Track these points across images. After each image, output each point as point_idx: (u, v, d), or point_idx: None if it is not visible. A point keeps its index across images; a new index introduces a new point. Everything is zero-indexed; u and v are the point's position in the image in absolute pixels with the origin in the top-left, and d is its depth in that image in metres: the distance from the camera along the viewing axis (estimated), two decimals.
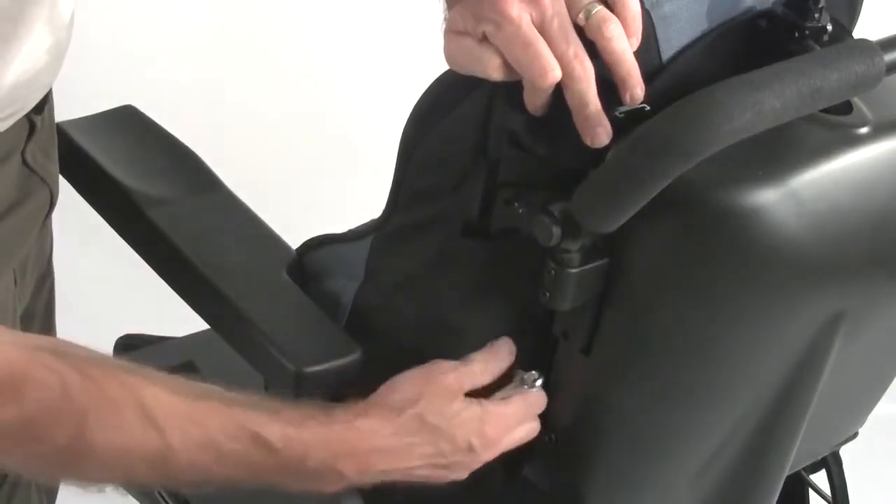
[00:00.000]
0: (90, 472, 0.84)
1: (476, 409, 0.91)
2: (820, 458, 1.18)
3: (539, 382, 0.92)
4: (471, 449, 0.91)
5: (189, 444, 0.83)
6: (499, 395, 0.92)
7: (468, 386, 0.91)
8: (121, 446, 0.81)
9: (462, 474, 0.93)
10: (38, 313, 1.13)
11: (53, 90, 1.07)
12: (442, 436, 0.90)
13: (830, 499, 1.21)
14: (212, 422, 0.85)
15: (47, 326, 1.17)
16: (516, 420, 0.92)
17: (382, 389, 0.92)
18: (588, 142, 0.78)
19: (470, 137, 0.84)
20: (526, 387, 0.92)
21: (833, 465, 1.20)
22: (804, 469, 1.18)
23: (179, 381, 0.86)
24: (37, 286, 1.13)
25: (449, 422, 0.90)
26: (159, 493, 1.23)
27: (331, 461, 0.88)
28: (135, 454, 0.82)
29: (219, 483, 0.88)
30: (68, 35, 1.01)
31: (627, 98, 0.79)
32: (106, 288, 1.73)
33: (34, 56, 0.94)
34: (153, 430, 0.82)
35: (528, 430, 0.94)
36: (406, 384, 0.92)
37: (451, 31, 0.81)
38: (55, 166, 1.09)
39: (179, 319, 1.14)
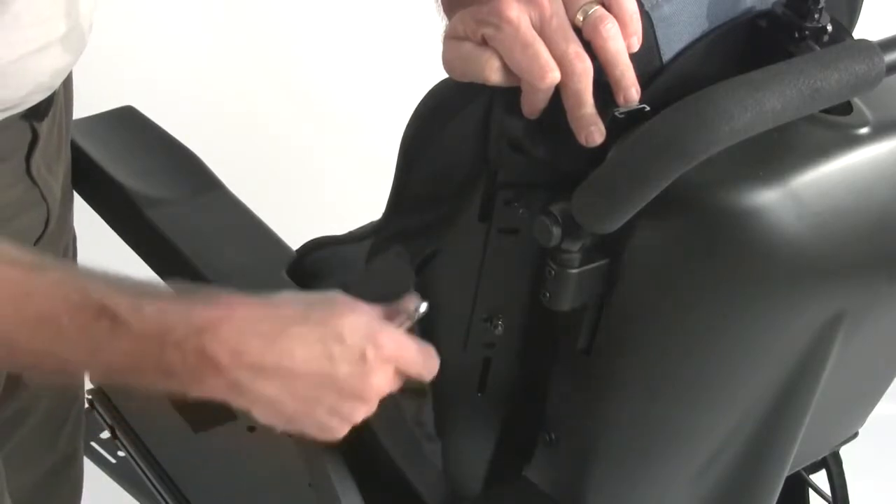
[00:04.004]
0: None
1: (365, 318, 0.80)
2: (820, 458, 1.18)
3: (423, 308, 0.85)
4: (363, 358, 0.79)
5: (24, 318, 0.74)
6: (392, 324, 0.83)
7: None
8: None
9: (354, 410, 0.80)
10: None
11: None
12: (329, 330, 0.78)
13: (830, 499, 1.21)
14: (50, 293, 0.74)
15: None
16: (410, 347, 0.83)
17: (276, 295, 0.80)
18: (582, 141, 0.78)
19: (470, 145, 0.83)
20: (419, 312, 0.84)
21: (833, 465, 1.20)
22: (804, 469, 1.18)
23: (16, 251, 0.76)
24: None
25: (337, 319, 0.78)
26: (158, 491, 1.23)
27: (195, 339, 0.74)
28: None
29: (69, 369, 0.78)
30: (74, 44, 0.97)
31: (622, 99, 0.78)
32: None
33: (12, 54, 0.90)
34: None
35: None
36: (300, 297, 0.81)
37: (450, 38, 0.80)
38: (58, 185, 1.07)
39: None
